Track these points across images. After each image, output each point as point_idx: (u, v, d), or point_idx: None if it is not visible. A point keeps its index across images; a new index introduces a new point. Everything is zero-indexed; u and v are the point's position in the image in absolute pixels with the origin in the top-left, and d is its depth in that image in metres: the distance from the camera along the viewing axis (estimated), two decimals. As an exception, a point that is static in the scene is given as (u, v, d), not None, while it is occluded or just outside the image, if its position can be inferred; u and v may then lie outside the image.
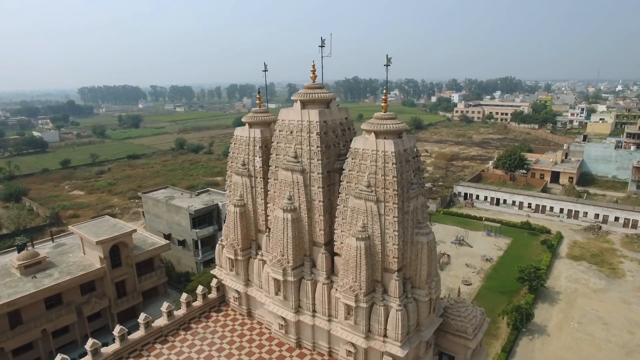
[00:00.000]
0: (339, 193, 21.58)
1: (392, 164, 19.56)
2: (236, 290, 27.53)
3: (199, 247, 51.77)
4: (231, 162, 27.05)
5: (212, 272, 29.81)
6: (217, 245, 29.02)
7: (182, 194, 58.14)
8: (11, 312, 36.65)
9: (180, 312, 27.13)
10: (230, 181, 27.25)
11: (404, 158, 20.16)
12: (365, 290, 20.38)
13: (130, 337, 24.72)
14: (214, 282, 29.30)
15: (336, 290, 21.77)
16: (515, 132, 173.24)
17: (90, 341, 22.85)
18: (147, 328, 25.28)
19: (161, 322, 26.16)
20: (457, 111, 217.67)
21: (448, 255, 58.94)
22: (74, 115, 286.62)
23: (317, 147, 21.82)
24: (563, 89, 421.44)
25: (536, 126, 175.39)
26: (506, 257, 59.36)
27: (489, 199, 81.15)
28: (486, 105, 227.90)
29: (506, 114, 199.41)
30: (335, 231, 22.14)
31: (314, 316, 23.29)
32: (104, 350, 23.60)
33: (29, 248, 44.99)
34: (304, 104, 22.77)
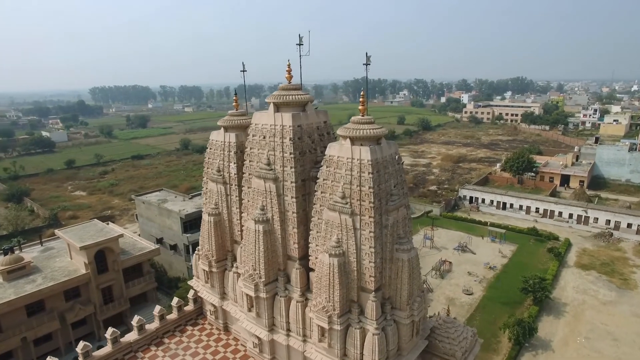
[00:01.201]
0: (314, 204, 19.82)
1: (369, 173, 17.74)
2: (212, 303, 25.94)
3: (190, 252, 50.35)
4: (207, 168, 25.50)
5: (189, 282, 28.30)
6: (194, 254, 27.48)
7: (175, 197, 56.89)
8: (-11, 320, 35.67)
9: (152, 326, 25.64)
10: (206, 188, 25.69)
11: (382, 167, 18.32)
12: (339, 312, 18.59)
13: (95, 353, 23.29)
14: (191, 294, 27.78)
15: (310, 309, 20.00)
16: (525, 133, 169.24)
17: None
18: (115, 343, 23.82)
19: (131, 336, 24.70)
20: (466, 112, 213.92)
21: (450, 263, 56.68)
22: (84, 115, 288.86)
23: (290, 153, 20.10)
24: (576, 89, 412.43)
25: (547, 127, 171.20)
26: (511, 265, 56.88)
27: (495, 203, 78.50)
28: (496, 105, 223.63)
29: (516, 115, 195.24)
30: (309, 245, 20.38)
31: (288, 335, 21.56)
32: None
33: (17, 252, 44.24)
34: (278, 107, 21.06)
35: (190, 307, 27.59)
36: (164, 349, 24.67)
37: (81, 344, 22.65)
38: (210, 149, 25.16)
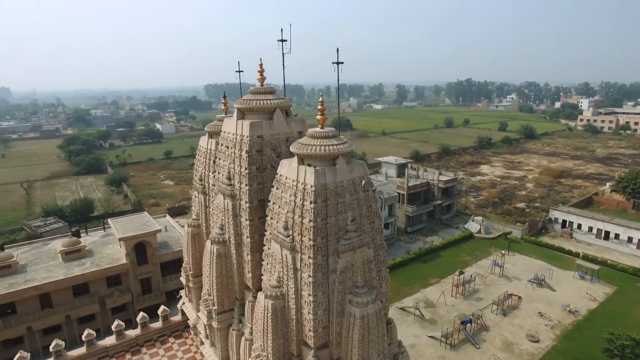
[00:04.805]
0: (265, 230, 16.76)
1: (310, 202, 14.11)
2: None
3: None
4: (194, 176, 23.98)
5: (180, 291, 27.19)
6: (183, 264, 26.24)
7: (228, 195, 57.59)
8: (42, 295, 39.33)
9: (133, 333, 25.04)
10: (193, 197, 24.20)
11: (333, 194, 14.47)
12: (272, 366, 15.31)
13: (70, 353, 23.30)
14: (179, 303, 26.64)
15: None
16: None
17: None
18: (90, 346, 23.62)
19: (109, 341, 24.34)
20: (581, 119, 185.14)
21: (518, 297, 48.03)
22: (196, 109, 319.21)
23: (245, 168, 17.29)
24: None
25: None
26: (600, 312, 46.05)
27: (594, 231, 65.21)
28: (622, 113, 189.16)
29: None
30: (262, 277, 17.37)
31: (240, 375, 18.86)
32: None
33: (83, 235, 48.80)
34: (243, 114, 18.37)
35: (178, 317, 26.49)
36: (137, 359, 23.82)
37: (54, 342, 22.77)
38: (197, 155, 23.57)
